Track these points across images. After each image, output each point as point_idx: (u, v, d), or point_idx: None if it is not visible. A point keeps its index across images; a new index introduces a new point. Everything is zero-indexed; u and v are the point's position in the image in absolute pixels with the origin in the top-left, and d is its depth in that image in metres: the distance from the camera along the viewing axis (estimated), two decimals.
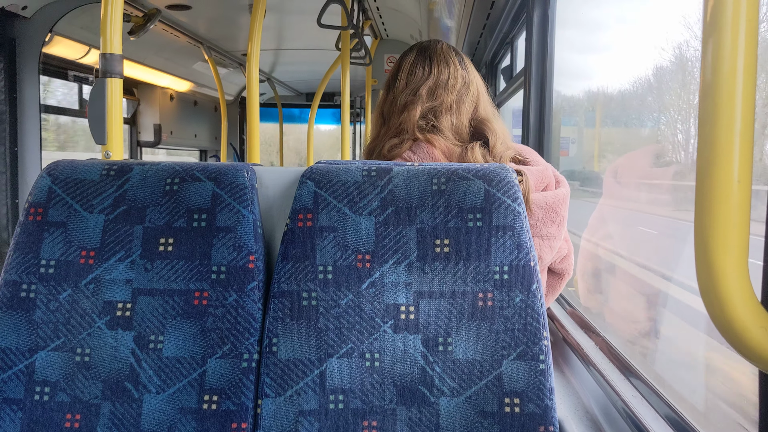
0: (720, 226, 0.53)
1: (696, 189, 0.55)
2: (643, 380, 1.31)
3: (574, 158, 3.33)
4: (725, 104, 0.53)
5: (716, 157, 0.53)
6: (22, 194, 3.72)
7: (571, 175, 3.02)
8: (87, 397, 1.22)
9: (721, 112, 0.53)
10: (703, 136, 0.54)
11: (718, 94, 0.53)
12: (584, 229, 2.61)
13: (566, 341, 1.77)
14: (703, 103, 0.54)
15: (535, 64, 2.58)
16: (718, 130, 0.53)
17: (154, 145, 6.30)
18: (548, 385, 1.17)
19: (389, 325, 1.21)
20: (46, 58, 4.10)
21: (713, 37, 0.53)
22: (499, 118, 1.70)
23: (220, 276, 1.26)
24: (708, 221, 0.54)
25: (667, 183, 2.15)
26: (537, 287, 1.20)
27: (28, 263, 1.27)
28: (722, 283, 0.53)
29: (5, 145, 3.71)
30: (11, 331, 1.25)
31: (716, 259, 0.53)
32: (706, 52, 0.54)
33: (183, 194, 1.30)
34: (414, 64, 1.72)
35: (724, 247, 0.53)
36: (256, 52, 2.55)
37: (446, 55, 1.71)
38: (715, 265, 0.53)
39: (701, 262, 0.54)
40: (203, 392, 1.22)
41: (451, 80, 1.68)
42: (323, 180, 1.28)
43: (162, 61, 5.61)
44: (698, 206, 0.54)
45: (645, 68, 2.22)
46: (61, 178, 1.33)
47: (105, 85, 1.64)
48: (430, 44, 1.76)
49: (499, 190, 1.23)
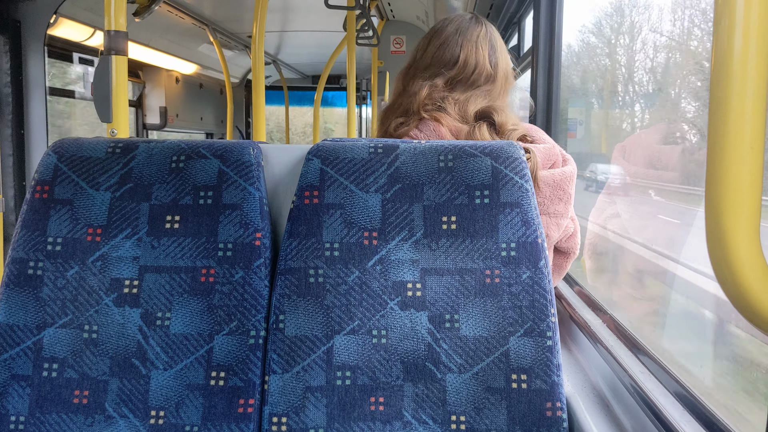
0: (731, 192, 0.53)
1: (707, 155, 0.54)
2: (650, 356, 1.31)
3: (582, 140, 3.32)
4: (737, 70, 0.52)
5: (728, 124, 0.52)
6: (28, 176, 3.73)
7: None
8: (95, 374, 1.23)
9: (732, 78, 0.52)
10: (714, 102, 0.53)
11: (730, 60, 0.52)
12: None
13: (573, 319, 1.77)
14: (716, 68, 0.53)
15: (543, 44, 2.56)
16: (729, 96, 0.52)
17: (160, 128, 6.30)
18: (555, 361, 1.17)
19: (396, 302, 1.21)
20: (51, 40, 4.09)
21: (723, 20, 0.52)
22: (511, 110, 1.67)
23: (226, 253, 1.26)
24: (719, 188, 0.53)
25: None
26: (544, 264, 1.20)
27: (34, 240, 1.28)
28: (732, 250, 0.53)
29: (11, 128, 3.71)
30: (19, 308, 1.26)
31: (726, 226, 0.53)
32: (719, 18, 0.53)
33: (189, 171, 1.30)
34: (443, 46, 1.67)
35: (735, 213, 0.52)
36: (262, 33, 2.54)
37: (479, 45, 1.65)
38: (725, 231, 0.53)
39: (711, 228, 0.54)
40: (210, 369, 1.22)
41: (475, 75, 1.64)
42: (329, 157, 1.28)
43: (167, 43, 5.60)
44: (710, 172, 0.54)
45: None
46: (66, 156, 1.32)
47: (110, 62, 1.63)
48: (469, 26, 1.68)
49: (506, 166, 1.23)
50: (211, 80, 7.29)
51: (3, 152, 3.65)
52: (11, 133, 3.72)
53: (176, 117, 6.47)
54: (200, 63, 6.63)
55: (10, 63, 3.69)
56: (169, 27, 5.20)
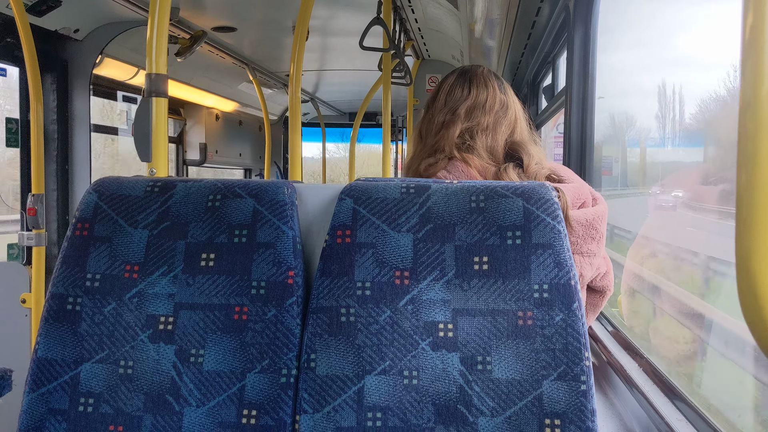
0: (762, 246, 0.52)
1: (736, 209, 0.54)
2: (687, 403, 1.28)
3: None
4: (765, 122, 0.52)
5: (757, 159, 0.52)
6: (72, 211, 3.83)
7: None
8: (129, 409, 1.24)
9: (761, 130, 0.52)
10: (743, 156, 0.53)
11: (759, 112, 0.52)
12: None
13: (609, 363, 1.74)
14: (743, 121, 0.53)
15: (576, 83, 2.57)
16: (759, 150, 0.52)
17: (200, 163, 6.41)
18: (590, 406, 1.14)
19: (427, 342, 1.20)
20: (97, 79, 4.23)
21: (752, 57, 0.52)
22: (535, 142, 1.69)
23: (260, 291, 1.27)
24: (749, 243, 0.53)
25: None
26: (578, 306, 1.18)
27: (74, 277, 1.31)
28: (762, 288, 0.52)
29: (56, 163, 3.82)
30: (57, 343, 1.28)
31: (756, 264, 0.52)
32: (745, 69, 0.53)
33: (224, 210, 1.32)
34: (454, 86, 1.74)
35: (765, 251, 0.52)
36: (298, 73, 2.59)
37: (486, 79, 1.74)
38: (754, 269, 0.52)
39: (741, 266, 0.53)
40: (242, 407, 1.23)
41: (489, 102, 1.69)
42: (362, 197, 1.29)
43: (208, 82, 5.73)
44: (739, 228, 0.53)
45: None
46: (107, 194, 1.36)
47: (150, 104, 1.68)
48: (470, 68, 1.78)
49: (538, 207, 1.22)
50: (250, 117, 7.42)
51: (48, 187, 3.75)
52: (56, 168, 3.83)
53: (216, 153, 6.58)
54: (240, 101, 6.76)
55: (57, 101, 3.82)
56: (210, 66, 5.32)
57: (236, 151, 7.21)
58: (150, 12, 1.73)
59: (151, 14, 1.73)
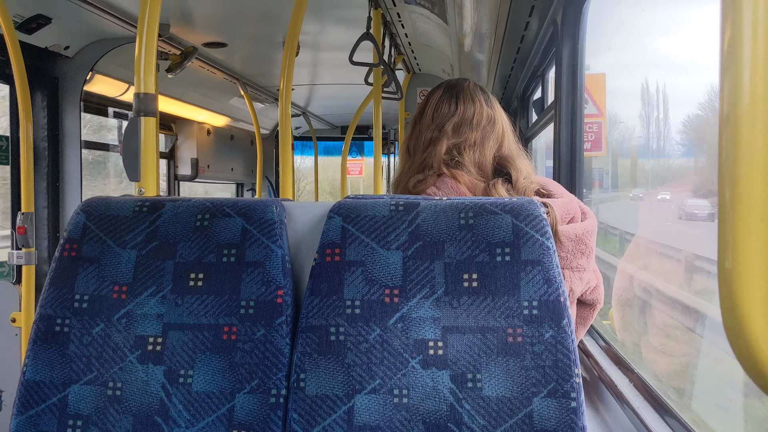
0: (744, 266, 0.52)
1: (718, 228, 0.54)
2: (678, 419, 1.28)
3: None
4: (745, 140, 0.52)
5: (738, 195, 0.52)
6: (62, 228, 3.81)
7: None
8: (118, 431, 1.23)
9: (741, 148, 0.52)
10: (723, 173, 0.53)
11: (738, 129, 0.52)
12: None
13: (601, 379, 1.74)
14: (723, 138, 0.53)
15: (565, 96, 2.58)
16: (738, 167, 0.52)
17: (192, 178, 6.40)
18: (580, 423, 1.14)
19: (417, 360, 1.20)
20: (87, 96, 4.22)
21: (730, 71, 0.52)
22: (524, 156, 1.70)
23: (248, 311, 1.27)
24: (731, 261, 0.53)
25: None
26: (567, 323, 1.18)
27: (62, 298, 1.30)
28: (748, 325, 0.52)
29: (47, 181, 3.81)
30: (45, 365, 1.27)
31: (741, 301, 0.52)
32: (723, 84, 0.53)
33: (213, 230, 1.32)
34: (440, 101, 1.74)
35: (749, 288, 0.52)
36: (289, 88, 2.60)
37: (472, 93, 1.73)
38: (740, 306, 0.52)
39: (726, 302, 0.53)
40: (232, 427, 1.22)
41: (476, 117, 1.69)
42: (351, 215, 1.29)
43: (199, 97, 5.73)
44: (721, 246, 0.53)
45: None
46: (95, 215, 1.36)
47: (139, 123, 1.68)
48: (457, 82, 1.78)
49: (527, 224, 1.23)
50: (241, 132, 7.42)
51: (38, 205, 3.74)
52: (47, 185, 3.82)
53: (207, 168, 6.57)
54: (231, 115, 6.76)
55: (47, 118, 3.82)
56: (201, 81, 5.33)
57: (228, 166, 7.20)
58: (138, 31, 1.74)
59: (139, 33, 1.73)
